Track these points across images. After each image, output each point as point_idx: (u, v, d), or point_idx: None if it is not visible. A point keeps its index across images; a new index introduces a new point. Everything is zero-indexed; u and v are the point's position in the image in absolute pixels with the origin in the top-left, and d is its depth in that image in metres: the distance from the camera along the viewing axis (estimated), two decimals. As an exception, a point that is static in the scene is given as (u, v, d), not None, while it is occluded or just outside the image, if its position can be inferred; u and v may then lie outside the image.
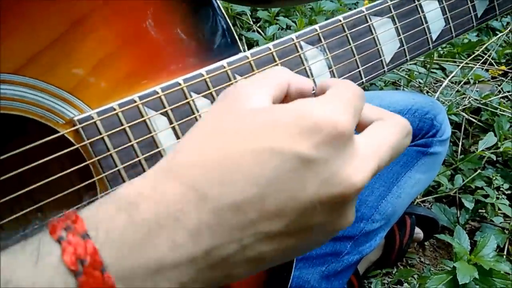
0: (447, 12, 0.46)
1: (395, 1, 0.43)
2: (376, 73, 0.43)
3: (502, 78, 1.61)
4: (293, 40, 0.38)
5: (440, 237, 0.89)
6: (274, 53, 0.37)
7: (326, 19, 1.36)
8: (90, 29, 0.32)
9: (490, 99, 1.25)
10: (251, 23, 1.59)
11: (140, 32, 0.34)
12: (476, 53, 1.58)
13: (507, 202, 1.00)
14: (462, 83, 1.46)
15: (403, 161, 0.84)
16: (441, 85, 1.45)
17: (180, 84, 0.33)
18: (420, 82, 1.44)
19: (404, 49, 0.44)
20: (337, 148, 0.24)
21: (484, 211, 1.07)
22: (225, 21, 0.37)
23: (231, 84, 0.35)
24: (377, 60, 0.42)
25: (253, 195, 0.23)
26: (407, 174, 0.84)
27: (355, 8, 0.45)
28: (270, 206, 0.23)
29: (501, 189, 1.00)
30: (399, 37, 0.43)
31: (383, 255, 0.97)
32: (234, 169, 0.23)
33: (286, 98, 0.30)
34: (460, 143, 1.28)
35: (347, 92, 0.27)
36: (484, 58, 1.63)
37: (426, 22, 0.45)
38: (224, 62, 0.35)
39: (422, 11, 0.45)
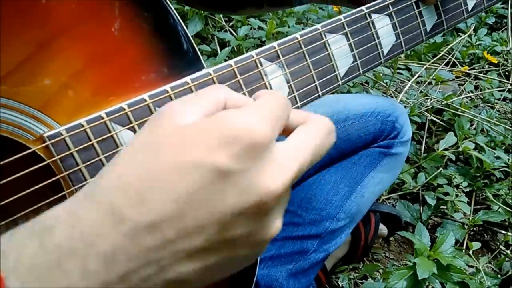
0: (398, 28, 0.50)
1: (349, 18, 0.46)
2: (331, 87, 0.46)
3: (466, 78, 1.69)
4: (253, 57, 0.41)
5: (402, 234, 0.93)
6: (236, 70, 0.40)
7: (297, 20, 1.38)
8: (57, 49, 0.33)
9: (451, 100, 1.31)
10: (224, 22, 1.61)
11: (107, 51, 0.36)
12: (441, 53, 1.65)
13: (466, 200, 1.06)
14: (426, 83, 1.52)
15: (367, 162, 0.88)
16: (410, 81, 1.51)
17: (145, 100, 0.36)
18: (386, 83, 1.49)
19: (357, 64, 0.47)
20: (254, 157, 0.24)
21: (445, 207, 1.13)
22: (188, 39, 0.40)
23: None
24: (332, 75, 0.46)
25: (172, 212, 0.22)
26: (371, 174, 0.88)
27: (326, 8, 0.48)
28: (189, 222, 0.23)
29: (460, 187, 1.05)
30: (353, 53, 0.47)
31: (350, 251, 1.01)
32: (156, 186, 0.23)
33: None
34: (424, 142, 1.34)
35: (270, 102, 0.28)
36: (448, 58, 1.71)
37: (378, 38, 0.48)
38: (188, 79, 0.38)
39: (374, 28, 0.48)
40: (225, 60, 1.52)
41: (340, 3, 0.68)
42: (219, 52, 1.46)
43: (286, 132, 0.29)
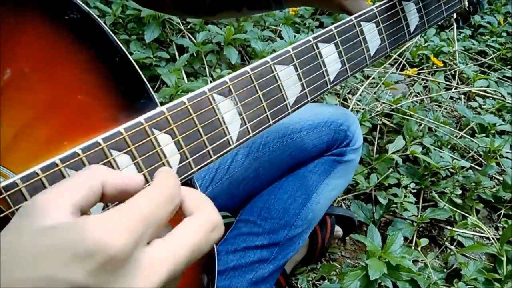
0: (343, 55, 0.53)
1: (297, 50, 0.49)
2: (282, 115, 0.48)
3: (416, 78, 1.77)
4: (206, 93, 0.42)
5: (354, 237, 0.98)
6: (189, 107, 0.41)
7: (254, 25, 1.39)
8: (10, 98, 0.34)
9: (400, 103, 1.38)
10: (181, 26, 1.60)
11: (57, 97, 0.36)
12: (393, 56, 1.72)
13: (414, 200, 1.13)
14: (378, 86, 1.58)
15: (321, 170, 0.92)
16: (362, 86, 1.57)
17: (100, 144, 0.36)
18: (341, 86, 1.54)
19: (305, 92, 0.50)
20: (112, 271, 0.23)
21: (396, 206, 1.19)
22: (140, 78, 0.41)
23: (150, 139, 0.39)
24: (282, 104, 0.48)
25: None
26: (325, 181, 0.92)
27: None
28: None
29: (408, 188, 1.12)
30: (301, 82, 0.49)
31: (308, 253, 1.06)
32: None
33: (104, 198, 0.29)
34: (376, 143, 1.40)
35: (146, 200, 0.27)
36: (399, 61, 1.78)
37: (325, 66, 0.51)
38: (141, 118, 0.39)
39: (321, 57, 0.51)
40: (184, 66, 1.51)
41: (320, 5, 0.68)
42: (177, 57, 1.46)
43: (177, 215, 0.29)
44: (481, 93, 1.59)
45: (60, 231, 0.24)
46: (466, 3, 0.66)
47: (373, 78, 1.60)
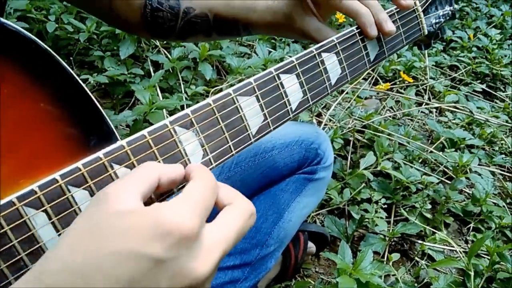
0: (305, 85, 0.54)
1: (259, 82, 0.50)
2: (244, 145, 0.49)
3: (388, 93, 1.81)
4: (167, 126, 0.43)
5: (325, 255, 1.00)
6: (150, 141, 0.42)
7: (230, 41, 1.41)
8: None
9: (372, 119, 1.41)
10: (157, 43, 1.61)
11: (12, 135, 0.36)
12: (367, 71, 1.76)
13: (384, 215, 1.15)
14: (351, 101, 1.61)
15: (293, 188, 0.93)
16: (336, 101, 1.59)
17: (57, 181, 0.37)
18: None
19: (268, 122, 0.51)
20: (184, 247, 0.29)
21: (368, 221, 1.21)
22: (99, 112, 0.41)
23: (109, 174, 0.39)
24: (245, 134, 0.49)
25: None
26: (297, 199, 0.93)
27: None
28: None
29: (379, 203, 1.14)
30: (263, 112, 0.50)
31: (281, 270, 1.06)
32: (96, 271, 0.27)
33: (158, 188, 0.36)
34: (349, 157, 1.42)
35: (199, 190, 0.33)
36: (372, 75, 1.82)
37: (287, 96, 0.52)
38: (100, 153, 0.39)
39: (283, 87, 0.52)
40: (160, 82, 1.51)
41: (291, 36, 0.70)
42: (152, 73, 1.46)
43: (216, 206, 0.35)
44: (451, 108, 1.64)
45: (139, 214, 0.29)
46: (426, 31, 0.69)
47: (347, 93, 1.63)
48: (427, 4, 0.70)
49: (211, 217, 0.34)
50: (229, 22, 0.71)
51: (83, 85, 0.41)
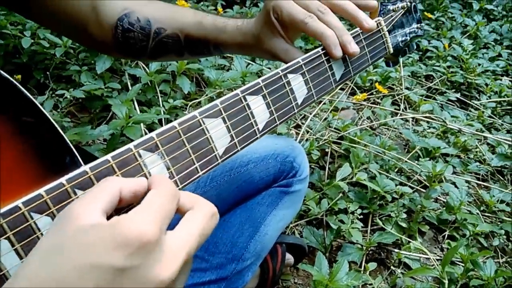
0: (271, 106, 0.56)
1: (225, 104, 0.51)
2: (212, 166, 0.50)
3: (364, 104, 1.84)
4: (132, 150, 0.44)
5: (301, 267, 1.01)
6: (114, 165, 0.42)
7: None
8: None
9: (348, 130, 1.43)
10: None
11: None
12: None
13: (360, 225, 1.17)
14: (329, 111, 1.64)
15: (269, 202, 0.94)
16: (314, 111, 1.62)
17: (20, 208, 0.37)
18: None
19: (234, 142, 0.52)
20: (145, 255, 0.30)
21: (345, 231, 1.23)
22: (61, 138, 0.42)
23: (73, 200, 0.40)
24: (212, 155, 0.50)
25: None
26: (273, 212, 0.94)
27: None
28: None
29: (355, 214, 1.16)
30: (230, 133, 0.51)
31: (260, 283, 1.07)
32: (64, 286, 0.28)
33: (121, 201, 0.37)
34: (327, 168, 1.44)
35: (158, 198, 0.35)
36: (350, 86, 1.85)
37: (254, 117, 0.54)
38: (63, 180, 0.40)
39: (249, 108, 0.53)
40: (138, 95, 1.51)
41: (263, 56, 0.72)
42: (130, 87, 1.46)
43: (178, 212, 0.36)
44: (425, 119, 1.67)
45: (100, 228, 0.30)
46: (391, 50, 0.71)
47: (324, 103, 1.66)
48: (392, 23, 0.72)
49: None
50: (200, 42, 0.72)
51: (44, 110, 0.42)
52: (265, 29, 0.65)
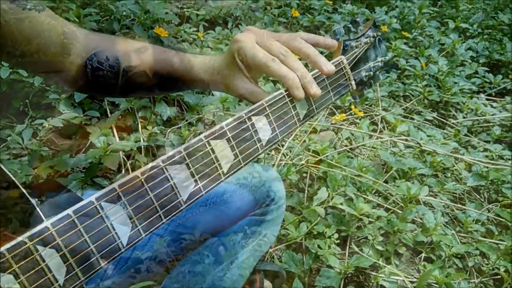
0: (236, 148, 0.57)
1: (189, 150, 0.53)
2: (176, 212, 0.52)
3: (342, 126, 1.87)
4: (93, 203, 0.45)
5: (277, 296, 1.02)
6: (75, 219, 0.44)
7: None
8: None
9: (326, 153, 1.46)
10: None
11: None
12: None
13: (337, 250, 1.19)
14: (308, 133, 1.66)
15: (245, 231, 0.95)
16: (292, 134, 1.64)
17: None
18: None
19: (199, 187, 0.53)
20: None
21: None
22: (24, 197, 0.43)
23: (34, 257, 0.41)
24: (176, 201, 0.51)
25: None
26: (249, 241, 0.95)
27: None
28: None
29: (332, 238, 1.17)
30: (194, 178, 0.53)
31: (238, 311, 1.07)
32: None
33: None
34: (306, 190, 1.46)
35: None
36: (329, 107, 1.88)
37: (218, 161, 0.55)
38: (24, 237, 0.41)
39: (214, 153, 0.55)
40: (118, 119, 1.51)
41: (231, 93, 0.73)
42: (109, 114, 1.47)
43: None
44: (401, 141, 1.71)
45: None
46: (354, 86, 0.74)
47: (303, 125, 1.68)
48: (355, 61, 0.75)
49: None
50: (169, 79, 0.74)
51: (2, 166, 0.43)
52: (229, 69, 0.67)
